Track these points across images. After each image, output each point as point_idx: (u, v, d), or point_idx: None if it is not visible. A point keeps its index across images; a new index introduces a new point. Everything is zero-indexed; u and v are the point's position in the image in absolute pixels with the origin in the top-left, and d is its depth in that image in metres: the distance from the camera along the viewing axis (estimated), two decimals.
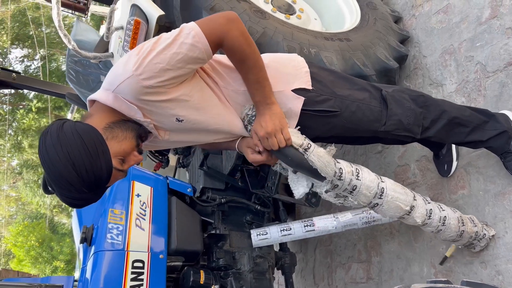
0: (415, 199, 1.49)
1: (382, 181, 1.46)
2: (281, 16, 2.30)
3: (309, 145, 1.36)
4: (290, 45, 1.92)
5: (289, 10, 2.43)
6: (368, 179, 1.43)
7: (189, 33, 1.14)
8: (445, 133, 1.62)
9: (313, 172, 1.37)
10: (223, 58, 1.36)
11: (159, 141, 1.37)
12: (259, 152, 1.38)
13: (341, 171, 1.39)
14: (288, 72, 1.42)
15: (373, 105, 1.50)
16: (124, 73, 1.12)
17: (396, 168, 2.45)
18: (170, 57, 1.12)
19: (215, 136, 1.41)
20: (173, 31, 1.17)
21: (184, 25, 1.16)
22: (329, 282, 2.98)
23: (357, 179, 1.41)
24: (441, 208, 1.58)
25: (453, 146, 1.99)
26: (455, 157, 1.99)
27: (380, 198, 1.44)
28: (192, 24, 1.16)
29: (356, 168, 1.44)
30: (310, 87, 1.41)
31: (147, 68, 1.11)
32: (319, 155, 1.35)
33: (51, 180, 1.11)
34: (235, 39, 1.19)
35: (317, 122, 1.44)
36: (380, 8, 2.54)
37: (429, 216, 1.52)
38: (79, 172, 1.07)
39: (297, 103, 1.39)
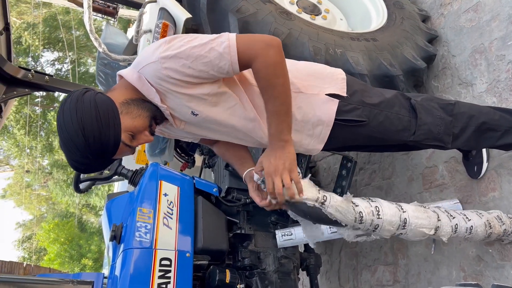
0: (439, 219, 1.47)
1: (403, 211, 1.43)
2: (306, 17, 2.30)
3: (324, 198, 1.32)
4: (316, 45, 1.92)
5: (315, 10, 2.42)
6: (389, 214, 1.40)
7: (223, 42, 1.16)
8: (475, 140, 1.58)
9: (333, 223, 1.35)
10: None
11: (174, 129, 1.40)
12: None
13: (361, 215, 1.36)
14: (324, 77, 1.42)
15: (402, 114, 1.47)
16: (151, 57, 1.17)
17: (424, 170, 2.40)
18: (196, 57, 1.15)
19: (230, 138, 1.42)
20: (212, 35, 1.20)
21: (224, 33, 1.19)
22: (354, 284, 2.95)
23: (378, 218, 1.38)
24: (467, 218, 1.55)
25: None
26: (486, 159, 1.94)
27: (404, 228, 1.42)
28: (232, 35, 1.17)
29: (376, 206, 1.39)
30: (344, 94, 1.40)
31: (172, 60, 1.15)
32: (337, 205, 1.32)
33: (61, 141, 1.18)
34: (264, 66, 1.17)
35: (343, 132, 1.42)
36: (407, 7, 2.50)
37: (455, 231, 1.51)
38: (87, 138, 1.13)
39: (331, 106, 1.37)
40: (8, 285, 1.52)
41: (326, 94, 1.38)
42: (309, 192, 1.31)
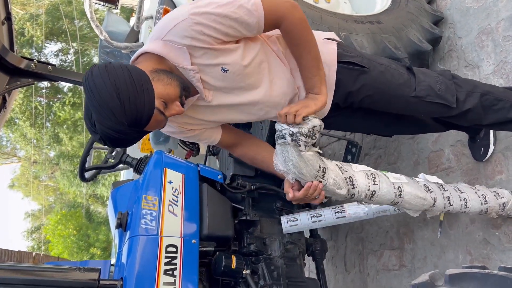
0: (432, 206, 1.52)
1: (400, 196, 1.47)
2: (309, 0, 2.26)
3: (324, 169, 1.36)
4: (319, 29, 1.90)
5: None
6: (383, 192, 1.45)
7: (254, 2, 1.19)
8: (482, 109, 1.56)
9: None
10: None
11: (201, 110, 1.39)
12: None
13: (355, 188, 1.41)
14: (316, 32, 1.45)
15: (401, 71, 1.52)
16: (179, 16, 1.17)
17: (430, 154, 2.39)
18: (226, 13, 1.17)
19: (257, 96, 1.39)
20: None
21: None
22: (360, 269, 2.96)
23: (371, 197, 1.44)
24: (460, 190, 1.58)
25: (491, 130, 1.92)
26: (492, 141, 1.92)
27: (401, 196, 1.46)
28: None
29: (373, 191, 1.43)
30: (339, 39, 1.49)
31: (203, 16, 1.16)
32: (334, 181, 1.37)
33: (93, 107, 1.11)
34: (295, 22, 1.24)
35: (347, 76, 1.45)
36: None
37: (449, 203, 1.54)
38: (122, 101, 1.08)
39: (330, 45, 1.43)
40: (16, 273, 1.53)
41: (323, 39, 1.45)
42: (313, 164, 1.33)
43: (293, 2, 1.24)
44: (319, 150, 1.35)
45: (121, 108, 1.08)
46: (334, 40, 1.47)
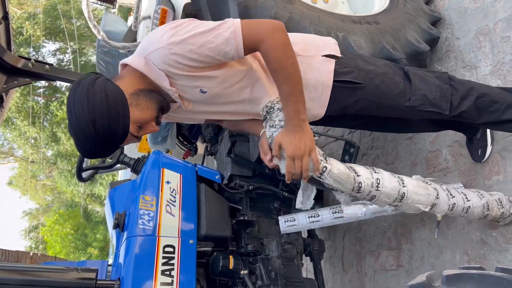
0: (437, 197, 1.47)
1: (404, 186, 1.44)
2: (307, 0, 2.26)
3: (324, 169, 1.33)
4: (317, 29, 1.90)
5: None
6: (389, 187, 1.42)
7: (229, 27, 1.18)
8: (477, 111, 1.57)
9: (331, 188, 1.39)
10: None
11: (182, 112, 1.42)
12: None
13: (360, 185, 1.38)
14: (317, 43, 1.46)
15: (397, 80, 1.50)
16: (158, 43, 1.19)
17: (428, 154, 2.39)
18: (202, 43, 1.17)
19: (237, 114, 1.44)
20: (217, 21, 1.21)
21: (229, 19, 1.21)
22: (358, 269, 2.96)
23: (377, 190, 1.40)
24: (467, 198, 1.55)
25: (488, 130, 1.93)
26: (490, 142, 1.92)
27: (400, 201, 1.44)
28: (236, 20, 1.19)
29: (377, 179, 1.41)
30: (339, 55, 1.44)
31: (179, 45, 1.16)
32: (337, 174, 1.34)
33: (71, 129, 1.22)
34: (273, 47, 1.20)
35: (342, 94, 1.44)
36: None
37: (451, 210, 1.51)
38: (97, 129, 1.18)
39: (328, 65, 1.41)
40: (14, 273, 1.53)
41: (322, 56, 1.42)
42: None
43: (275, 24, 1.22)
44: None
45: (95, 135, 1.19)
46: (333, 56, 1.43)
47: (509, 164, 1.85)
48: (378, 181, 1.40)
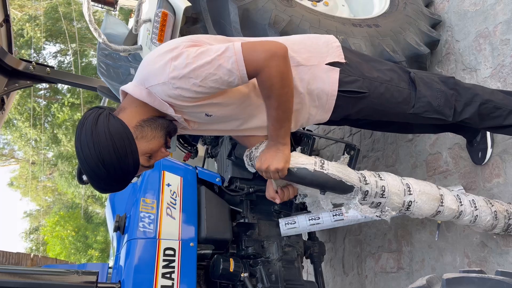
0: (439, 188, 1.50)
1: (403, 178, 1.47)
2: (307, 3, 2.27)
3: (322, 161, 1.36)
4: (317, 32, 1.90)
5: None
6: (390, 178, 1.44)
7: (230, 57, 1.15)
8: (479, 117, 1.57)
9: (340, 186, 1.35)
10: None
11: (188, 130, 1.42)
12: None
13: (363, 175, 1.39)
14: (320, 48, 1.43)
15: (402, 87, 1.49)
16: (161, 77, 1.16)
17: (428, 157, 2.39)
18: (205, 75, 1.14)
19: (245, 126, 1.43)
20: (217, 47, 1.18)
21: (229, 46, 1.17)
22: (358, 271, 2.96)
23: (381, 179, 1.42)
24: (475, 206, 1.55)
25: (488, 133, 1.93)
26: (490, 144, 1.92)
27: (410, 193, 1.43)
28: (237, 47, 1.16)
29: (375, 172, 1.44)
30: (343, 60, 1.41)
31: (182, 80, 1.14)
32: (336, 166, 1.36)
33: (84, 172, 1.22)
34: (268, 76, 1.17)
35: (346, 103, 1.43)
36: None
37: (458, 217, 1.52)
38: (108, 169, 1.18)
39: (333, 74, 1.39)
40: (14, 276, 1.53)
41: (326, 64, 1.39)
42: (303, 158, 1.34)
43: (275, 50, 1.18)
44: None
45: (107, 175, 1.19)
46: (338, 64, 1.41)
47: (509, 167, 1.85)
48: (377, 173, 1.42)
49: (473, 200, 1.55)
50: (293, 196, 1.47)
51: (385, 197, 1.41)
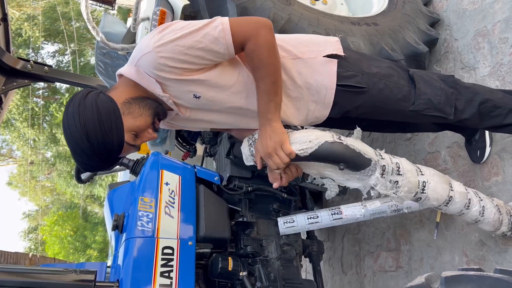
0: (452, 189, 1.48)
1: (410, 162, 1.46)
2: (306, 1, 2.27)
3: (337, 135, 1.33)
4: (316, 31, 1.90)
5: None
6: (401, 158, 1.43)
7: (217, 26, 1.16)
8: (479, 117, 1.56)
9: (358, 159, 1.31)
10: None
11: (181, 120, 1.41)
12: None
13: (378, 151, 1.38)
14: (318, 42, 1.43)
15: (401, 84, 1.48)
16: (146, 48, 1.17)
17: (426, 155, 2.39)
18: (191, 43, 1.15)
19: (236, 122, 1.42)
20: (204, 20, 1.19)
21: (217, 17, 1.19)
22: (357, 270, 2.96)
23: (393, 157, 1.41)
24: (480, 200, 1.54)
25: (487, 131, 1.93)
26: (489, 143, 1.92)
27: (422, 174, 1.41)
28: (224, 19, 1.18)
29: (397, 162, 1.41)
30: (342, 53, 1.41)
31: (167, 47, 1.15)
32: (352, 140, 1.34)
33: (68, 145, 1.23)
34: (256, 45, 1.19)
35: (345, 98, 1.43)
36: None
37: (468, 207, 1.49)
38: (91, 143, 1.18)
39: (331, 67, 1.38)
40: (12, 275, 1.53)
41: (324, 56, 1.39)
42: (316, 132, 1.32)
43: (261, 22, 1.20)
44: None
45: (90, 149, 1.19)
46: (335, 56, 1.41)
47: (507, 165, 1.85)
48: (398, 165, 1.39)
49: (475, 191, 1.54)
50: (297, 175, 1.45)
51: (401, 175, 1.38)
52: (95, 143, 1.17)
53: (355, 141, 1.34)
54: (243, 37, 1.18)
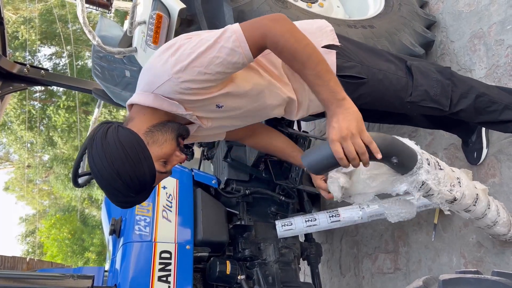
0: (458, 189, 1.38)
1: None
2: (302, 4, 2.27)
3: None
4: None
5: None
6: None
7: (230, 36, 1.11)
8: (475, 111, 1.57)
9: (410, 152, 1.19)
10: None
11: (203, 131, 1.39)
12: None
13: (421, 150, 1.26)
14: (314, 32, 1.42)
15: (399, 75, 1.49)
16: (163, 75, 1.13)
17: None
18: (209, 61, 1.11)
19: (255, 116, 1.42)
20: (215, 32, 1.15)
21: (227, 27, 1.14)
22: (355, 272, 2.96)
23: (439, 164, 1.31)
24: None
25: (483, 133, 1.93)
26: (485, 144, 1.93)
27: (453, 170, 1.36)
28: (235, 26, 1.13)
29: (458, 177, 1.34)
30: (338, 43, 1.41)
31: (186, 71, 1.11)
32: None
33: (101, 188, 1.18)
34: (278, 36, 1.11)
35: (345, 89, 1.41)
36: None
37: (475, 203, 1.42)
38: (124, 180, 1.13)
39: (330, 57, 1.38)
40: (9, 281, 1.52)
41: (322, 47, 1.39)
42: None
43: (274, 16, 1.15)
44: None
45: (124, 186, 1.14)
46: (333, 46, 1.40)
47: (504, 167, 1.86)
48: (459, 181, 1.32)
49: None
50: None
51: (442, 169, 1.30)
52: (128, 179, 1.14)
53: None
54: (259, 38, 1.12)
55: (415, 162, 1.20)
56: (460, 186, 1.34)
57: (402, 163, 1.19)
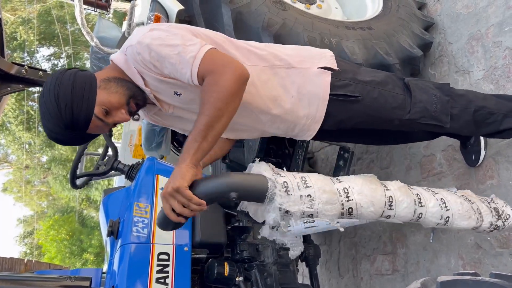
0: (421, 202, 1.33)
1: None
2: (301, 6, 2.27)
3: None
4: (311, 35, 1.90)
5: (309, 0, 2.39)
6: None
7: (192, 51, 1.15)
8: (475, 125, 1.55)
9: (252, 183, 1.15)
10: (252, 43, 1.40)
11: (166, 117, 1.43)
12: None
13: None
14: (313, 55, 1.44)
15: (396, 92, 1.46)
16: (134, 39, 1.22)
17: (422, 159, 2.40)
18: (165, 55, 1.17)
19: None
20: (192, 38, 1.20)
21: (199, 42, 1.18)
22: (354, 274, 2.96)
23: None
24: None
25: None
26: (483, 146, 1.93)
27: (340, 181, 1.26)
28: (204, 48, 1.16)
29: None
30: (335, 68, 1.40)
31: (145, 48, 1.19)
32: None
33: (39, 111, 1.25)
34: (215, 82, 1.12)
35: (339, 108, 1.40)
36: None
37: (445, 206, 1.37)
38: (59, 105, 1.18)
39: (324, 77, 1.37)
40: (6, 283, 1.51)
41: (318, 68, 1.39)
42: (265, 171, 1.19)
43: (235, 67, 1.13)
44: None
45: (57, 112, 1.19)
46: (329, 69, 1.40)
47: (502, 169, 1.86)
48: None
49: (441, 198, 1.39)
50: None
51: (309, 186, 1.22)
52: (63, 106, 1.18)
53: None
54: (208, 71, 1.13)
55: (265, 189, 1.14)
56: (352, 199, 1.21)
57: (246, 196, 1.14)
